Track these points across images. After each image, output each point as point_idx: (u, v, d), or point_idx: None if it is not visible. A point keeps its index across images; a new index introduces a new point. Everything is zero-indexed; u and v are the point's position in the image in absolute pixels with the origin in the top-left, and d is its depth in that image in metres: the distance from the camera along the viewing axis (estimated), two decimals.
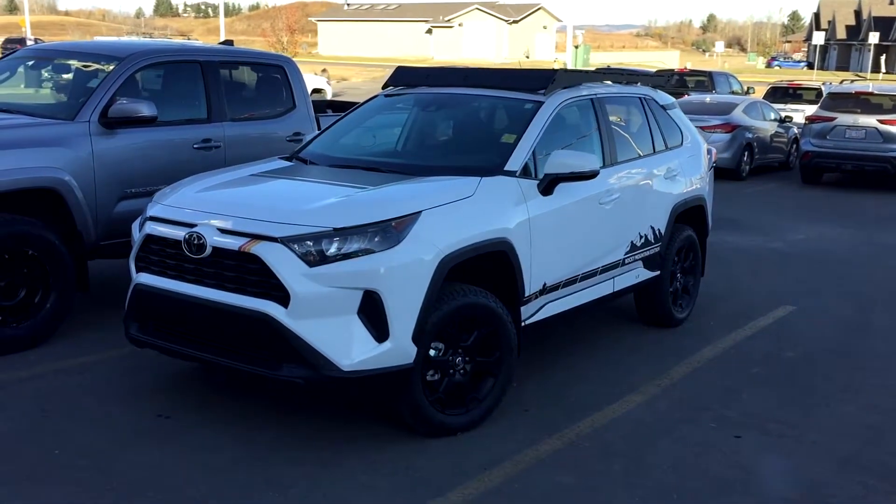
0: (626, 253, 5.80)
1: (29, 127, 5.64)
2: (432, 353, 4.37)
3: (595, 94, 5.77)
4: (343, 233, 4.03)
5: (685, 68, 24.69)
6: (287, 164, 5.29)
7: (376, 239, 4.07)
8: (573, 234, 5.22)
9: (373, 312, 4.02)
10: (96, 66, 6.26)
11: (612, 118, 5.88)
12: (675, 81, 23.20)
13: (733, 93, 23.20)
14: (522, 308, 4.86)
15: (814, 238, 10.62)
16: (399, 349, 4.08)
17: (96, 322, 5.93)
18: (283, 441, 4.37)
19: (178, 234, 4.27)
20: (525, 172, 4.94)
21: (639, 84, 6.58)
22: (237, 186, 4.74)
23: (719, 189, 14.60)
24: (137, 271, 4.52)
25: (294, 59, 7.53)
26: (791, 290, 7.95)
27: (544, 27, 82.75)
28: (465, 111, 5.71)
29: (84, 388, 4.95)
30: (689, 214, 6.62)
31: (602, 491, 4.03)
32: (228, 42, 7.79)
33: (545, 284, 5.01)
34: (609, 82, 6.30)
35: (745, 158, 16.17)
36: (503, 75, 5.70)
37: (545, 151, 5.05)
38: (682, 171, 6.46)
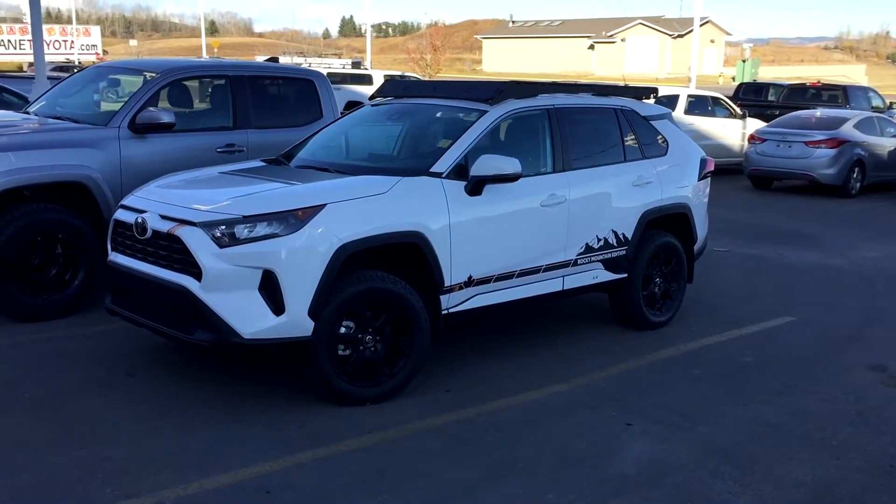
0: (580, 254, 6.15)
1: (68, 131, 6.72)
2: (343, 330, 4.97)
3: (552, 105, 6.18)
4: (250, 219, 4.72)
5: (818, 82, 23.70)
6: (261, 164, 6.06)
7: (281, 226, 4.73)
8: (506, 232, 5.64)
9: (271, 289, 4.68)
10: (138, 79, 7.29)
11: (572, 128, 6.25)
12: (809, 96, 22.17)
13: (874, 108, 22.13)
14: (443, 297, 5.36)
15: (882, 257, 10.30)
16: (295, 322, 4.71)
17: None
18: (211, 397, 5.09)
19: (131, 218, 5.12)
20: (458, 175, 5.45)
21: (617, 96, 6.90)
22: (195, 181, 5.56)
23: (820, 206, 14.44)
24: (111, 250, 5.41)
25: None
26: (806, 302, 7.92)
27: (711, 41, 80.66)
28: (422, 119, 6.28)
29: (82, 350, 5.89)
30: (667, 221, 6.85)
31: (456, 456, 4.48)
32: (274, 59, 8.71)
33: (471, 277, 5.48)
34: (587, 94, 6.69)
35: (855, 175, 15.59)
36: (464, 86, 6.22)
37: (480, 156, 5.53)
38: (658, 179, 6.71)
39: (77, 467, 4.17)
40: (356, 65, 37.67)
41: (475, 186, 5.43)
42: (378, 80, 26.67)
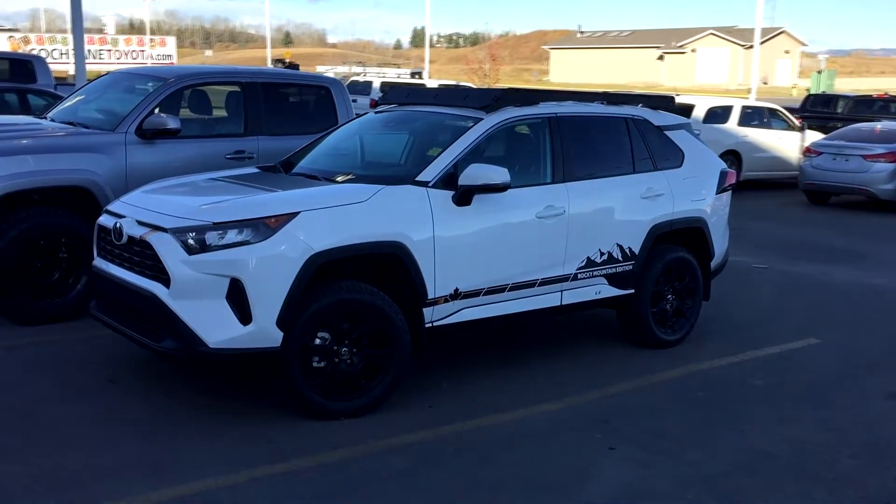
0: (580, 268, 5.91)
1: (75, 136, 6.77)
2: (317, 341, 4.84)
3: (554, 113, 5.96)
4: (220, 227, 4.63)
5: (885, 94, 22.83)
6: (255, 171, 5.98)
7: (252, 234, 4.63)
8: (497, 244, 5.44)
9: (238, 298, 4.57)
10: (149, 86, 7.32)
11: (575, 137, 6.01)
12: (876, 108, 21.31)
13: None
14: (426, 310, 5.18)
15: None
16: (262, 333, 4.60)
17: None
18: (187, 407, 5.00)
19: (110, 223, 5.08)
20: (447, 184, 5.27)
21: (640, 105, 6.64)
22: (179, 187, 5.50)
23: (876, 223, 13.79)
24: (96, 255, 5.39)
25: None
26: (836, 323, 7.49)
27: (786, 51, 78.62)
28: (418, 127, 6.13)
29: (73, 355, 5.87)
30: (680, 236, 6.55)
31: (417, 478, 4.29)
32: (294, 66, 8.67)
33: (458, 290, 5.29)
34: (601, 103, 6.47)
35: None
36: (462, 94, 6.05)
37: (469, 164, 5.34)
38: (670, 191, 6.42)
39: (28, 476, 4.11)
40: (415, 74, 37.84)
41: (462, 196, 5.24)
42: None
